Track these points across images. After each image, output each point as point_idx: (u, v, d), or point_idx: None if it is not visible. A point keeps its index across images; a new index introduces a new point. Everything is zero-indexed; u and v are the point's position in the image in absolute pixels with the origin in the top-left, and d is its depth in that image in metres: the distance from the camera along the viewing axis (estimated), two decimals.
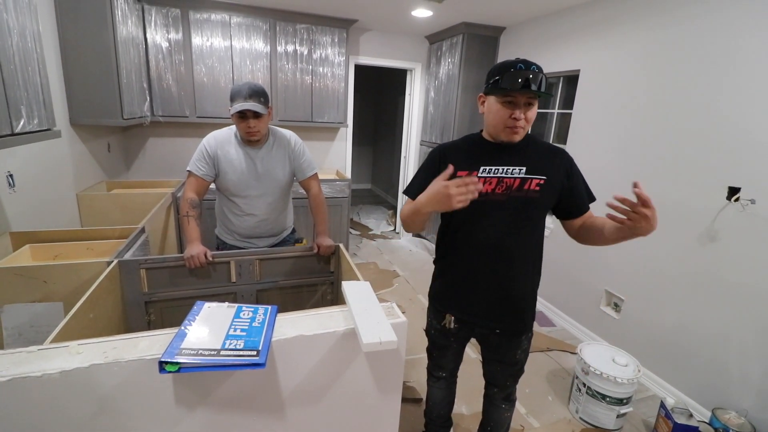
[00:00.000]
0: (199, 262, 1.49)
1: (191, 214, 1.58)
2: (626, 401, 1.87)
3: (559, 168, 1.22)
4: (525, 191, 1.18)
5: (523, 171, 1.19)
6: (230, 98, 1.55)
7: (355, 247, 4.25)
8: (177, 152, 3.48)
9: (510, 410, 1.51)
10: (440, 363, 1.52)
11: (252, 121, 1.54)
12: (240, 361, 0.78)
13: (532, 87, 1.09)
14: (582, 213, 1.28)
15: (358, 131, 6.38)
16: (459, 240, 1.29)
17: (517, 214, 1.20)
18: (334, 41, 3.45)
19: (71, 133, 2.25)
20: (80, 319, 1.07)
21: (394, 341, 0.84)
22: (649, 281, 2.23)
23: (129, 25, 2.54)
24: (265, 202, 1.72)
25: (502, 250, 1.23)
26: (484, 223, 1.22)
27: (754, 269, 1.77)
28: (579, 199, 1.26)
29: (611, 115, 2.45)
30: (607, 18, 2.47)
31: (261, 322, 0.90)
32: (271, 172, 1.69)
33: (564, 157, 1.25)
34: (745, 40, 1.78)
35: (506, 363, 1.41)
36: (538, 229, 1.26)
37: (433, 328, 1.47)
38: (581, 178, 1.28)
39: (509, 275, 1.25)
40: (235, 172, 1.64)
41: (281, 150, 1.71)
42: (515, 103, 1.13)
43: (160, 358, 0.73)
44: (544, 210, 1.24)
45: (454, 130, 3.64)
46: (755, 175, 1.76)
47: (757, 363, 1.77)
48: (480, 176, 1.19)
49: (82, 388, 0.76)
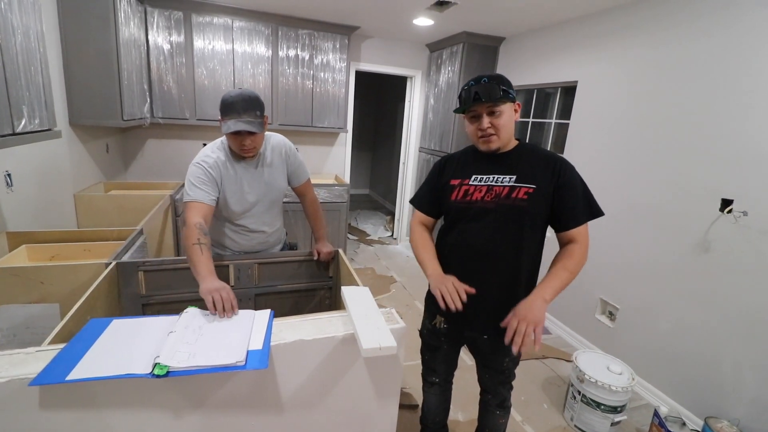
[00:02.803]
0: (227, 304, 1.05)
1: (203, 242, 1.27)
2: (620, 409, 1.88)
3: (551, 176, 1.20)
4: (513, 199, 1.19)
5: (513, 179, 1.21)
6: (221, 110, 1.37)
7: (353, 253, 4.25)
8: (176, 154, 3.48)
9: (504, 417, 1.52)
10: (432, 366, 1.53)
11: (247, 139, 1.38)
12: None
13: (483, 99, 1.16)
14: (562, 228, 1.21)
15: (358, 137, 6.40)
16: (450, 243, 1.32)
17: (505, 222, 1.21)
18: (336, 47, 3.48)
19: (70, 133, 2.24)
20: (78, 320, 1.07)
21: (393, 347, 0.85)
22: (643, 290, 2.25)
23: (131, 26, 2.55)
24: (271, 214, 1.62)
25: (489, 256, 1.24)
26: (473, 227, 1.25)
27: (746, 280, 1.79)
28: (564, 213, 1.19)
29: (607, 125, 2.49)
30: (604, 32, 2.51)
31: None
32: (273, 183, 1.57)
33: (557, 165, 1.21)
34: (741, 52, 1.82)
35: (494, 369, 1.42)
36: (531, 239, 1.23)
37: (425, 327, 1.49)
38: (575, 190, 1.19)
39: (496, 282, 1.25)
40: (240, 191, 1.49)
41: (278, 157, 1.58)
42: (478, 116, 1.21)
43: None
44: (536, 219, 1.21)
45: (453, 138, 3.67)
46: (748, 187, 1.78)
47: (750, 373, 1.79)
48: (471, 184, 1.26)
49: (80, 389, 0.75)
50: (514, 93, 1.22)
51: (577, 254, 1.19)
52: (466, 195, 1.25)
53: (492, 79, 1.18)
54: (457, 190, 1.28)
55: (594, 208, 1.21)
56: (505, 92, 1.18)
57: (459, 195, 1.27)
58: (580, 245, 1.20)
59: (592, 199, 1.22)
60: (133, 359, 0.77)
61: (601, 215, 1.21)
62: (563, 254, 1.22)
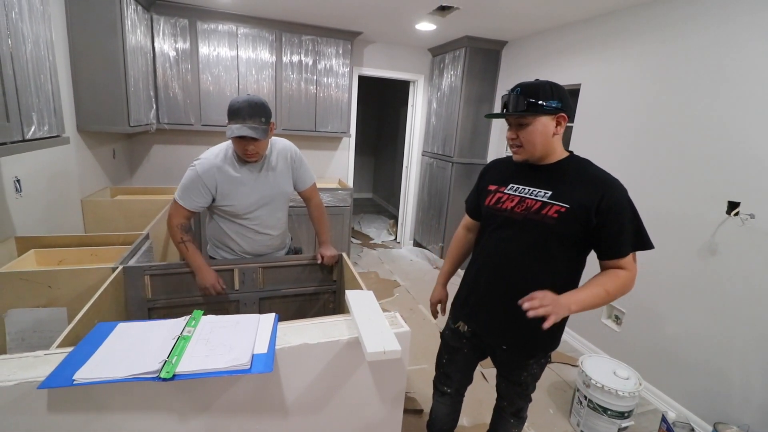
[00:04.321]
0: (216, 291, 1.49)
1: (186, 239, 1.49)
2: (627, 415, 1.86)
3: (594, 198, 1.10)
4: (542, 216, 1.14)
5: (548, 195, 1.15)
6: (228, 115, 1.42)
7: (356, 256, 4.25)
8: (181, 159, 3.51)
9: (518, 427, 1.49)
10: (447, 372, 1.49)
11: (251, 145, 1.42)
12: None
13: (508, 110, 1.16)
14: (603, 257, 1.15)
15: (361, 141, 6.42)
16: (479, 247, 1.34)
17: (529, 237, 1.17)
18: (339, 52, 3.50)
19: (77, 139, 2.27)
20: (85, 324, 1.08)
21: (398, 351, 0.85)
22: (649, 294, 2.23)
23: (138, 34, 2.59)
24: (275, 217, 1.65)
25: (509, 267, 1.22)
26: (498, 236, 1.25)
27: (754, 283, 1.78)
28: (605, 241, 1.11)
29: (612, 128, 2.48)
30: (607, 34, 2.51)
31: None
32: (279, 186, 1.60)
33: (605, 187, 1.11)
34: (745, 54, 1.81)
35: (511, 381, 1.40)
36: (558, 259, 1.17)
37: (448, 328, 1.48)
38: (621, 217, 1.10)
39: (513, 294, 1.17)
40: (242, 193, 1.52)
41: (283, 161, 1.62)
42: (510, 125, 1.20)
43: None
44: (563, 239, 1.14)
45: (456, 142, 3.68)
46: (755, 189, 1.77)
47: (759, 378, 1.77)
48: (505, 192, 1.25)
49: (87, 393, 0.76)
50: (558, 104, 1.13)
51: (622, 278, 1.11)
52: (498, 202, 1.25)
53: (525, 89, 1.13)
54: (492, 196, 1.27)
55: (641, 240, 1.11)
56: (535, 105, 1.11)
57: (492, 201, 1.27)
58: (629, 272, 1.13)
59: (641, 229, 1.11)
60: (140, 362, 0.78)
61: (650, 248, 1.11)
62: (609, 273, 1.14)
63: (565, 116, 1.16)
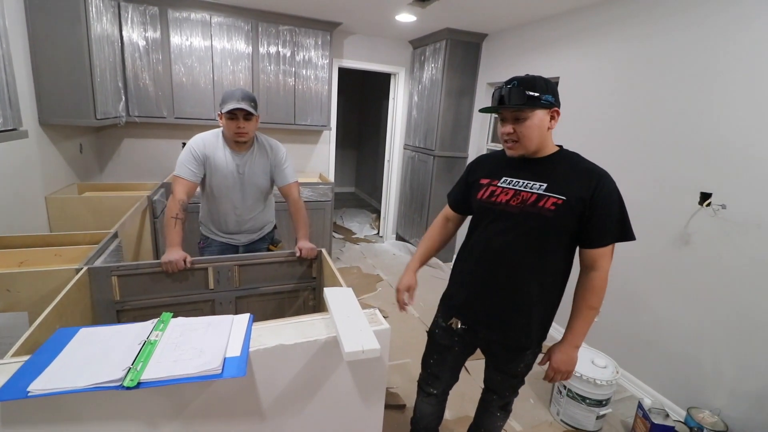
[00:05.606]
0: (177, 268, 1.45)
1: (180, 217, 1.58)
2: (605, 402, 1.90)
3: (587, 190, 1.12)
4: (539, 208, 1.14)
5: (543, 188, 1.15)
6: (222, 101, 1.61)
7: (338, 251, 4.21)
8: (153, 154, 3.38)
9: (504, 420, 1.49)
10: (436, 372, 1.46)
11: (242, 122, 1.60)
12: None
13: (505, 103, 1.13)
14: (585, 245, 1.16)
15: (343, 134, 6.35)
16: (472, 241, 1.31)
17: (526, 229, 1.16)
18: (318, 44, 3.42)
19: (40, 133, 2.15)
20: (46, 329, 1.02)
21: (377, 349, 0.83)
22: (625, 284, 2.28)
23: (104, 22, 2.46)
24: (246, 204, 1.79)
25: (505, 260, 1.21)
26: (493, 229, 1.23)
27: (725, 272, 1.83)
28: (591, 230, 1.13)
29: (588, 121, 2.51)
30: (585, 28, 2.53)
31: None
32: (253, 178, 1.75)
33: (596, 179, 1.14)
34: (719, 49, 1.85)
35: (507, 374, 1.40)
36: (554, 252, 1.18)
37: (438, 327, 1.43)
38: (610, 209, 1.12)
39: (510, 287, 1.22)
40: (220, 174, 1.70)
41: (263, 158, 1.77)
42: (503, 120, 1.18)
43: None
44: (560, 231, 1.15)
45: (437, 135, 3.66)
46: (726, 181, 1.82)
47: (730, 363, 1.83)
48: (499, 185, 1.23)
49: (45, 404, 0.71)
50: (552, 98, 1.13)
51: (597, 287, 1.16)
52: (492, 195, 1.23)
53: (523, 83, 1.12)
54: (485, 189, 1.25)
55: (625, 231, 1.14)
56: (534, 98, 1.11)
57: (485, 194, 1.24)
58: (600, 273, 1.16)
59: (626, 222, 1.14)
60: (102, 370, 0.73)
61: (632, 239, 1.15)
62: (586, 289, 1.18)
63: (558, 111, 1.17)
